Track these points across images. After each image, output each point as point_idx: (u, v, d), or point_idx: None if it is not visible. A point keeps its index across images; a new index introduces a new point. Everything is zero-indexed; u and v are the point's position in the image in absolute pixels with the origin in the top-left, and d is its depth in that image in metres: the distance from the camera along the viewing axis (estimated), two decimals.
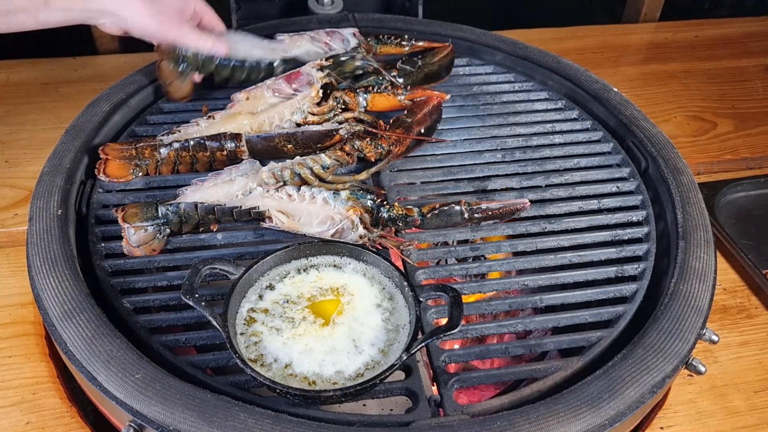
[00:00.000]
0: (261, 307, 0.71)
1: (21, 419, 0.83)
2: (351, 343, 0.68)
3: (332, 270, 0.75)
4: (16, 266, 1.01)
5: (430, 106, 1.00)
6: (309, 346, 0.68)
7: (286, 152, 0.92)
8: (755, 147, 1.31)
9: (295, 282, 0.74)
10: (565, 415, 0.66)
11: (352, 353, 0.67)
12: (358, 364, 0.67)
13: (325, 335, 0.69)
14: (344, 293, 0.73)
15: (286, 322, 0.70)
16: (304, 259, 0.76)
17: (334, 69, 1.02)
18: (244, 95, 0.99)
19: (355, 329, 0.69)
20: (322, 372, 0.66)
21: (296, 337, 0.68)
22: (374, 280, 0.75)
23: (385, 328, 0.70)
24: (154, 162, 0.91)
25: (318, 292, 0.73)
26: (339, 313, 0.70)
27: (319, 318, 0.70)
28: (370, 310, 0.71)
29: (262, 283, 0.74)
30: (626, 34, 1.66)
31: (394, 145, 0.94)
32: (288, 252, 0.75)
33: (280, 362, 0.67)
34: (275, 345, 0.68)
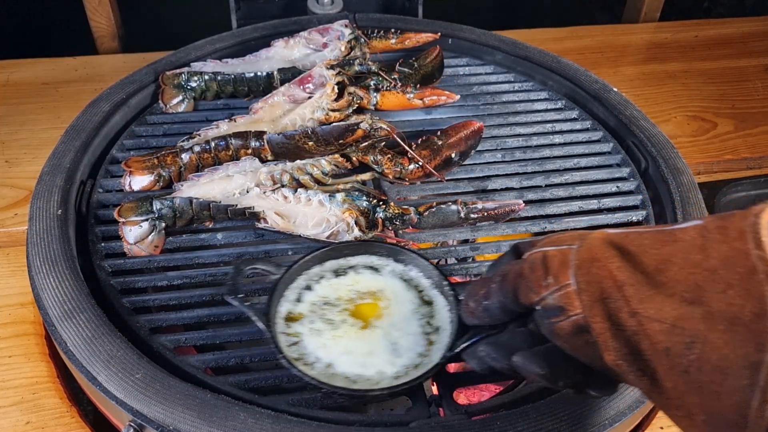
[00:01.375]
0: (300, 308, 0.71)
1: (21, 419, 0.83)
2: (390, 346, 0.68)
3: (369, 272, 0.75)
4: (16, 266, 1.01)
5: (468, 130, 0.95)
6: (349, 348, 0.68)
7: (307, 150, 0.91)
8: (755, 147, 1.31)
9: (332, 284, 0.74)
10: (565, 415, 0.66)
11: (391, 356, 0.67)
12: (398, 367, 0.67)
13: (364, 338, 0.69)
14: (381, 297, 0.73)
15: (326, 324, 0.70)
16: (342, 260, 0.76)
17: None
18: (261, 104, 0.99)
19: (394, 334, 0.69)
20: (363, 372, 0.66)
21: (336, 338, 0.68)
22: (411, 283, 0.74)
23: (423, 332, 0.69)
24: (177, 168, 0.91)
25: (356, 295, 0.73)
26: (378, 317, 0.70)
27: (358, 321, 0.70)
28: (408, 316, 0.71)
29: (300, 283, 0.74)
30: (626, 34, 1.66)
31: (416, 167, 0.92)
32: (326, 252, 0.75)
33: (321, 362, 0.67)
34: (316, 345, 0.68)
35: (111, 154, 0.96)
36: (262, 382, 0.71)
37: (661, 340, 0.44)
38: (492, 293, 0.56)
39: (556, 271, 0.51)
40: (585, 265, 0.49)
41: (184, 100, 1.04)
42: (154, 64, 1.09)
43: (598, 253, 0.49)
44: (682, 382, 0.44)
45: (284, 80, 1.04)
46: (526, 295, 0.53)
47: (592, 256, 0.49)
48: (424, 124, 1.05)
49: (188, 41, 1.15)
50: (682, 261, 0.45)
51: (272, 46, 1.10)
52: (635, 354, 0.46)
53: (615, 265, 0.48)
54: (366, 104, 1.01)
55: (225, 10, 1.33)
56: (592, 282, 0.48)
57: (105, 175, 0.93)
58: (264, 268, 0.73)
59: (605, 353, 0.47)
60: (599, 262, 0.49)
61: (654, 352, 0.45)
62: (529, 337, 0.55)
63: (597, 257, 0.49)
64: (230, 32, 1.19)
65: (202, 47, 1.15)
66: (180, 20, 1.93)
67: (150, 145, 0.99)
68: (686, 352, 0.43)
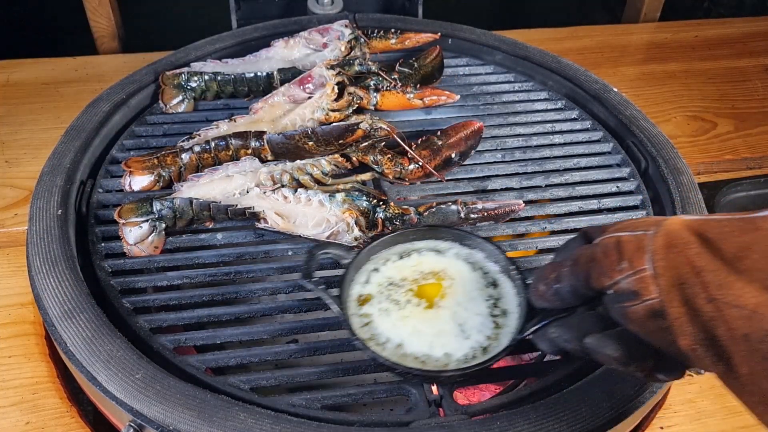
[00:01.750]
0: (368, 289, 0.74)
1: (21, 419, 0.83)
2: (457, 327, 0.69)
3: (432, 254, 0.77)
4: (16, 266, 1.01)
5: (468, 130, 0.95)
6: (417, 328, 0.69)
7: (307, 150, 0.91)
8: (755, 147, 1.31)
9: (396, 265, 0.76)
10: (565, 415, 0.66)
11: (459, 338, 0.68)
12: (466, 349, 0.68)
13: (430, 318, 0.70)
14: (444, 277, 0.74)
15: (393, 304, 0.71)
16: (408, 244, 0.78)
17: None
18: (261, 104, 0.99)
19: (460, 314, 0.70)
20: (431, 353, 0.67)
21: (403, 319, 0.70)
22: (476, 266, 0.75)
23: (491, 314, 0.70)
24: (177, 168, 0.91)
25: (419, 275, 0.74)
26: (442, 296, 0.72)
27: (422, 301, 0.71)
28: (473, 296, 0.72)
29: (369, 266, 0.76)
30: (626, 34, 1.66)
31: (416, 167, 0.92)
32: (394, 237, 0.77)
33: (392, 342, 0.68)
34: (385, 326, 0.69)
35: (111, 154, 0.96)
36: (262, 382, 0.71)
37: (739, 326, 0.45)
38: (563, 277, 0.57)
39: (630, 255, 0.52)
40: (662, 250, 0.50)
41: (184, 100, 1.04)
42: (154, 64, 1.09)
43: (677, 239, 0.50)
44: (760, 369, 0.45)
45: (284, 80, 1.04)
46: (599, 279, 0.53)
47: (670, 242, 0.50)
48: (424, 124, 1.05)
49: (188, 41, 1.15)
50: (764, 249, 0.46)
51: (272, 46, 1.10)
52: (711, 339, 0.47)
53: (694, 251, 0.49)
54: (366, 104, 1.01)
55: (225, 10, 1.33)
56: (670, 267, 0.49)
57: (105, 175, 0.93)
58: (335, 253, 0.76)
59: (680, 338, 0.48)
60: (677, 248, 0.50)
61: (731, 338, 0.46)
62: (599, 321, 0.56)
63: (675, 243, 0.50)
64: (230, 32, 1.19)
65: (202, 47, 1.15)
66: (180, 20, 1.93)
67: (150, 145, 0.99)
68: (766, 338, 0.44)
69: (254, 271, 0.82)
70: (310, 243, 0.83)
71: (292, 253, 0.84)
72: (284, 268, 0.82)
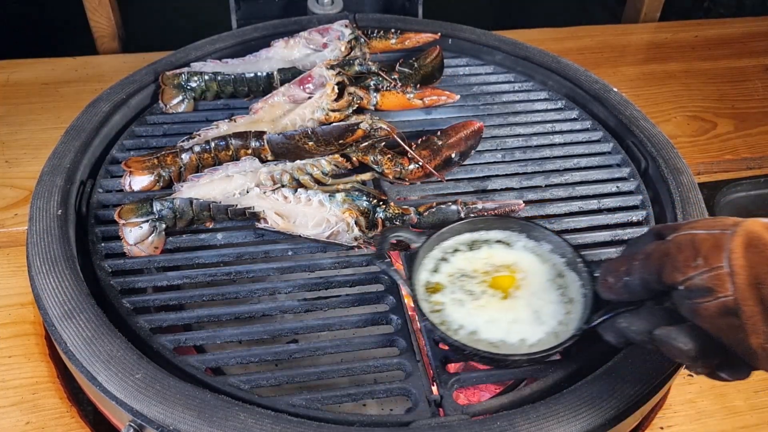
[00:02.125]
0: (437, 278, 0.75)
1: (21, 419, 0.83)
2: (533, 314, 0.72)
3: (501, 247, 0.79)
4: (16, 266, 1.01)
5: (468, 130, 0.95)
6: (493, 317, 0.71)
7: (307, 150, 0.91)
8: (755, 147, 1.31)
9: (467, 257, 0.78)
10: (565, 415, 0.66)
11: (534, 324, 0.71)
12: (540, 335, 0.70)
13: (506, 307, 0.72)
14: (516, 270, 0.76)
15: (467, 295, 0.73)
16: (476, 233, 0.80)
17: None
18: (261, 104, 0.99)
19: (534, 303, 0.73)
20: (507, 339, 0.70)
21: (479, 308, 0.72)
22: (544, 257, 0.77)
23: (561, 302, 0.73)
24: (177, 168, 0.91)
25: (491, 268, 0.76)
26: (516, 287, 0.74)
27: (498, 291, 0.74)
28: (545, 286, 0.74)
29: (437, 254, 0.77)
30: (626, 34, 1.66)
31: (416, 167, 0.92)
32: (463, 224, 0.79)
33: (465, 329, 0.70)
34: (459, 315, 0.71)
35: (111, 155, 0.96)
36: (262, 382, 0.71)
37: None
38: (634, 270, 0.58)
39: (706, 253, 0.53)
40: (740, 249, 0.51)
41: (184, 100, 1.04)
42: (154, 64, 1.09)
43: (757, 240, 0.51)
44: None
45: (284, 80, 1.04)
46: (671, 274, 0.54)
47: (750, 242, 0.51)
48: (424, 124, 1.05)
49: (188, 41, 1.15)
50: None
51: (272, 46, 1.10)
52: None
53: None
54: (366, 104, 1.01)
55: (225, 10, 1.33)
56: (748, 266, 0.50)
57: (105, 175, 0.93)
58: (406, 236, 0.78)
59: (752, 336, 0.50)
60: (757, 248, 0.51)
61: None
62: (667, 315, 0.57)
63: (755, 243, 0.51)
64: (230, 32, 1.19)
65: (202, 47, 1.14)
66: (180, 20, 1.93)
67: (150, 145, 0.99)
68: None
69: (254, 271, 0.82)
70: (311, 243, 0.83)
71: (292, 253, 0.84)
72: (284, 268, 0.82)
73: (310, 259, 0.83)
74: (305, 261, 0.83)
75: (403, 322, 0.78)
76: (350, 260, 0.83)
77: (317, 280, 0.81)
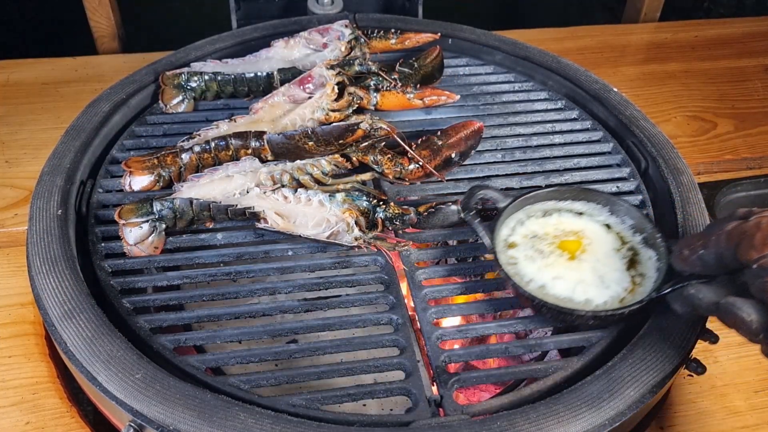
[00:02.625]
0: (513, 238, 0.81)
1: (21, 419, 0.83)
2: (598, 278, 0.75)
3: (571, 216, 0.83)
4: (16, 266, 1.02)
5: (468, 131, 0.95)
6: (560, 275, 0.76)
7: (307, 150, 0.91)
8: (755, 147, 1.32)
9: (539, 222, 0.82)
10: (565, 415, 0.66)
11: (600, 287, 0.74)
12: (605, 297, 0.73)
13: (572, 268, 0.76)
14: (583, 236, 0.80)
15: (537, 253, 0.78)
16: (561, 202, 0.83)
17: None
18: (261, 104, 0.99)
19: (599, 268, 0.76)
20: (573, 297, 0.73)
21: (547, 266, 0.77)
22: (612, 229, 0.81)
23: (627, 272, 0.76)
24: (177, 168, 0.91)
25: (560, 232, 0.81)
26: (582, 251, 0.78)
27: (565, 253, 0.78)
28: (610, 254, 0.78)
29: (519, 216, 0.82)
30: (626, 34, 1.66)
31: (416, 167, 0.92)
32: (548, 193, 0.84)
33: (535, 283, 0.75)
34: (530, 270, 0.76)
35: (111, 154, 0.96)
36: (262, 382, 0.71)
37: None
38: (711, 244, 0.60)
39: None
40: None
41: (184, 100, 1.04)
42: (154, 64, 1.09)
43: None
44: None
45: (284, 80, 1.04)
46: (747, 252, 0.56)
47: None
48: (424, 124, 1.05)
49: (188, 41, 1.15)
50: None
51: (272, 46, 1.10)
52: None
53: None
54: (366, 104, 1.01)
55: (225, 10, 1.33)
56: None
57: (105, 175, 0.93)
58: (493, 195, 0.83)
59: None
60: None
61: None
62: (736, 290, 0.59)
63: None
64: (230, 32, 1.19)
65: (202, 47, 1.15)
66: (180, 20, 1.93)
67: (150, 145, 0.99)
68: None
69: (254, 271, 0.82)
70: (311, 243, 0.83)
71: (292, 253, 0.84)
72: (284, 268, 0.82)
73: (310, 259, 0.83)
74: (305, 261, 0.83)
75: (403, 322, 0.78)
76: (350, 260, 0.83)
77: (317, 280, 0.81)
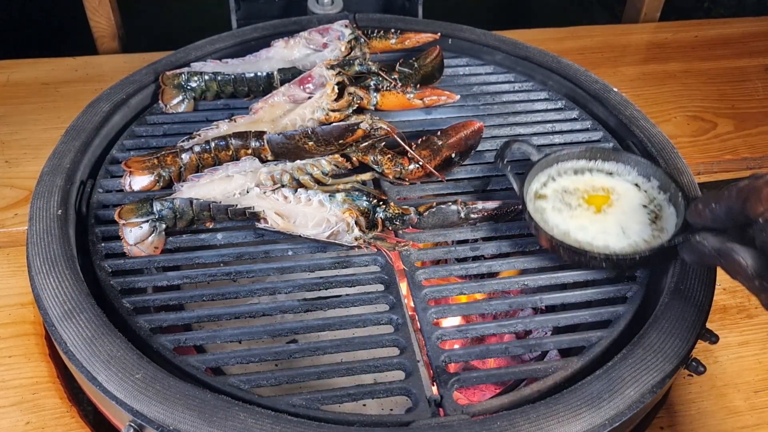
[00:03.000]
0: (544, 191, 0.86)
1: (21, 419, 0.83)
2: (620, 229, 0.81)
3: (603, 175, 0.88)
4: (16, 266, 1.02)
5: (468, 131, 0.95)
6: (583, 225, 0.82)
7: (307, 150, 0.91)
8: (755, 147, 1.32)
9: (571, 179, 0.88)
10: (565, 415, 0.66)
11: (620, 236, 0.80)
12: (623, 245, 0.79)
13: (597, 220, 0.82)
14: (612, 192, 0.86)
15: (565, 206, 0.84)
16: (592, 162, 0.88)
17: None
18: (261, 104, 0.99)
19: (623, 220, 0.82)
20: (593, 242, 0.79)
21: (573, 217, 0.83)
22: (642, 188, 0.86)
23: (650, 226, 0.81)
24: (177, 168, 0.91)
25: (591, 189, 0.86)
26: (609, 205, 0.84)
27: (591, 206, 0.84)
28: (636, 209, 0.83)
29: (550, 171, 0.88)
30: (626, 34, 1.66)
31: (416, 167, 0.92)
32: (581, 152, 0.88)
33: (559, 229, 0.81)
34: (556, 219, 0.83)
35: (111, 154, 0.96)
36: (262, 382, 0.71)
37: None
38: (722, 199, 0.63)
39: None
40: None
41: (184, 100, 1.04)
42: (154, 64, 1.09)
43: None
44: None
45: (284, 80, 1.04)
46: (754, 206, 0.59)
47: None
48: (424, 124, 1.05)
49: (188, 41, 1.15)
50: None
51: (272, 46, 1.10)
52: None
53: None
54: (366, 104, 1.01)
55: (225, 10, 1.33)
56: None
57: (105, 175, 0.93)
58: (527, 149, 0.90)
59: None
60: None
61: None
62: (743, 244, 0.61)
63: None
64: (230, 32, 1.19)
65: (202, 47, 1.15)
66: (180, 20, 1.93)
67: (150, 145, 0.99)
68: None
69: (254, 271, 0.82)
70: (311, 243, 0.83)
71: (292, 253, 0.84)
72: (284, 268, 0.82)
73: (310, 259, 0.83)
74: (305, 261, 0.83)
75: (403, 322, 0.78)
76: (350, 260, 0.83)
77: (317, 280, 0.81)
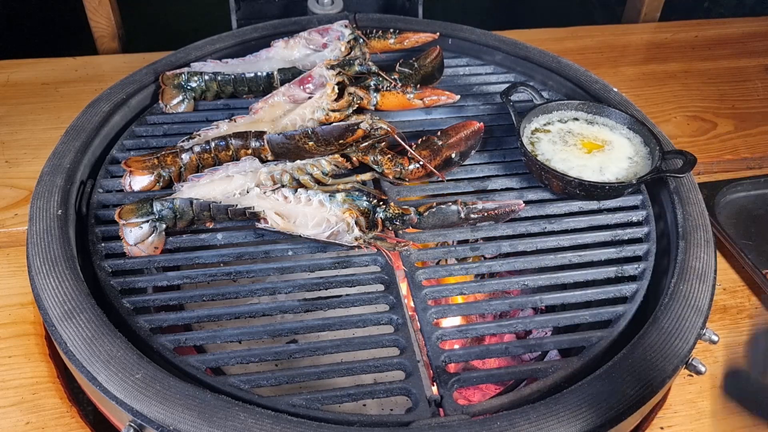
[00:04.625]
0: (547, 127, 0.99)
1: (21, 419, 0.83)
2: (599, 169, 0.93)
3: (607, 129, 1.00)
4: (16, 266, 1.02)
5: (468, 131, 0.96)
6: (567, 159, 0.94)
7: (307, 150, 0.91)
8: (755, 147, 1.32)
9: (580, 126, 1.00)
10: (565, 415, 0.66)
11: (596, 173, 0.92)
12: (596, 179, 0.91)
13: (582, 158, 0.94)
14: (608, 143, 0.97)
15: (561, 141, 0.96)
16: (588, 114, 1.01)
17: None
18: (261, 105, 0.99)
19: (605, 163, 0.94)
20: (568, 171, 0.91)
21: (563, 151, 0.95)
22: (633, 142, 0.97)
23: (627, 171, 0.93)
24: (177, 168, 0.91)
25: (593, 138, 0.98)
26: (600, 150, 0.96)
27: (584, 148, 0.96)
28: (621, 158, 0.95)
29: (553, 117, 1.00)
30: (626, 34, 1.66)
31: (416, 167, 0.92)
32: (578, 104, 1.01)
33: (543, 156, 0.94)
34: (546, 148, 0.95)
35: (111, 154, 0.96)
36: (262, 382, 0.71)
37: None
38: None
39: None
40: None
41: (184, 100, 1.04)
42: (154, 64, 1.09)
43: None
44: None
45: (284, 80, 1.04)
46: None
47: None
48: (424, 124, 1.05)
49: (188, 41, 1.16)
50: None
51: (272, 46, 1.10)
52: None
53: None
54: (366, 104, 1.01)
55: (225, 10, 1.33)
56: None
57: (105, 175, 0.93)
58: (532, 93, 1.01)
59: None
60: None
61: None
62: None
63: None
64: (230, 32, 1.19)
65: (202, 47, 1.15)
66: (180, 20, 1.93)
67: (150, 145, 0.99)
68: None
69: (254, 271, 0.82)
70: (311, 243, 0.83)
71: (292, 253, 0.84)
72: (284, 268, 0.82)
73: (310, 259, 0.83)
74: (305, 261, 0.83)
75: (403, 322, 0.78)
76: (350, 260, 0.83)
77: (317, 280, 0.81)
